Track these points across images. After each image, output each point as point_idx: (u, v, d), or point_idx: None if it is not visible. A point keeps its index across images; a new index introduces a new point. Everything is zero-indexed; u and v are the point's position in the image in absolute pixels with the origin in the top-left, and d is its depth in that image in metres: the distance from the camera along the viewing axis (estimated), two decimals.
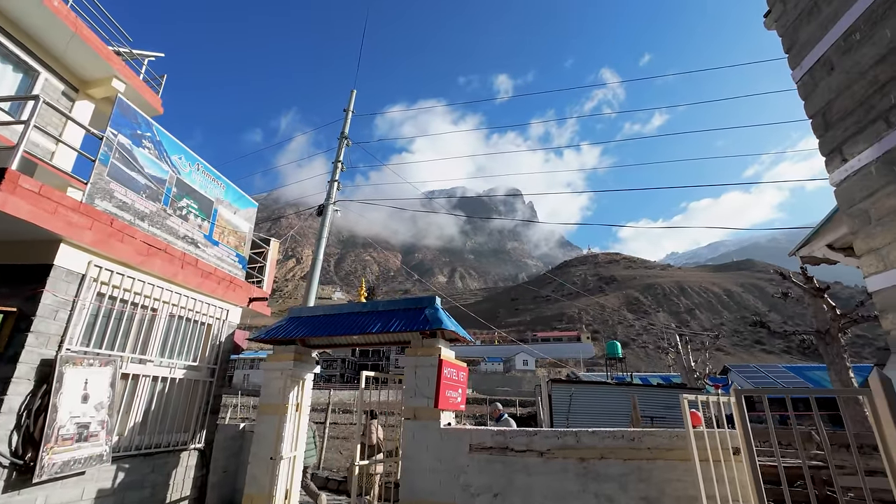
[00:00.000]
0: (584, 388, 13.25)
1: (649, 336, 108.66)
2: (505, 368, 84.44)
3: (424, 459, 4.91)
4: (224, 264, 6.14)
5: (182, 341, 5.26)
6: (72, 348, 3.93)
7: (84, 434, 3.86)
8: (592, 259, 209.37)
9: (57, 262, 3.86)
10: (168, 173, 5.25)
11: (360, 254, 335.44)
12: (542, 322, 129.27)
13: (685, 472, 4.02)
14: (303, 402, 6.02)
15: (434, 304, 5.64)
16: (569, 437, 4.53)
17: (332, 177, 10.41)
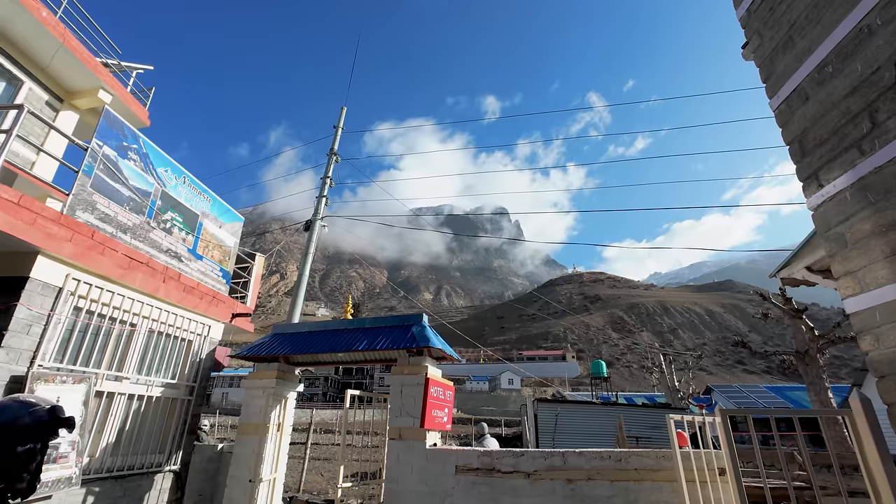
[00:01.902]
0: (569, 408, 13.19)
1: (633, 355, 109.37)
2: (490, 387, 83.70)
3: (409, 481, 4.80)
4: (208, 279, 6.02)
5: (161, 358, 5.11)
6: (44, 364, 3.78)
7: (53, 455, 3.68)
8: (577, 278, 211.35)
9: (33, 275, 3.74)
10: (153, 186, 5.17)
11: (345, 270, 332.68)
12: (527, 340, 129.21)
13: (672, 493, 4.00)
14: (284, 421, 5.86)
15: (421, 322, 5.61)
16: (556, 459, 4.49)
17: (320, 192, 10.38)
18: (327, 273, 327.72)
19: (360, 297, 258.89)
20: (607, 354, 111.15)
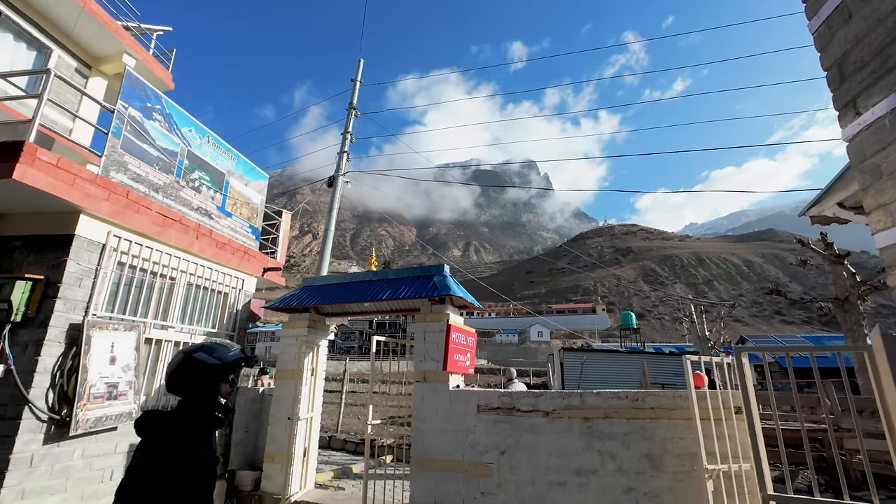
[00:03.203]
0: (595, 357, 13.39)
1: (665, 307, 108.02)
2: (520, 340, 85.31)
3: (434, 420, 5.10)
4: (238, 235, 6.30)
5: (201, 309, 5.48)
6: (97, 314, 4.14)
7: (114, 393, 4.11)
8: (609, 231, 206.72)
9: (78, 232, 4.02)
10: (179, 146, 5.34)
11: (374, 229, 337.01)
12: (557, 294, 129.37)
13: (687, 430, 4.10)
14: (318, 367, 6.26)
15: (442, 272, 5.73)
16: (573, 398, 4.64)
17: (341, 148, 10.42)
18: (357, 232, 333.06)
19: (391, 255, 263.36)
20: (638, 307, 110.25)
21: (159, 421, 1.84)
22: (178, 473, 1.70)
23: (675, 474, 4.11)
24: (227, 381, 1.95)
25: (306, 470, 5.84)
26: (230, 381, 1.96)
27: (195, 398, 1.87)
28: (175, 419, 1.82)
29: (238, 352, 1.99)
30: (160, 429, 1.81)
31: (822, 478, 6.94)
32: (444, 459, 4.91)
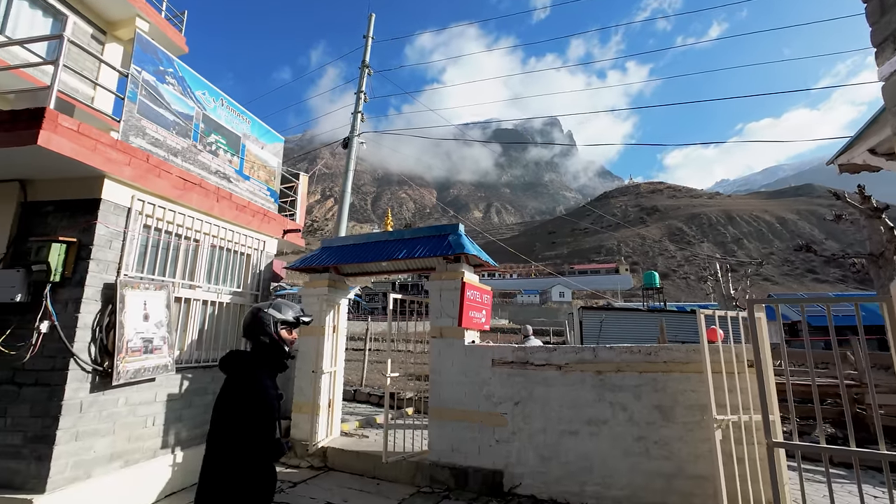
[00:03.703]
0: (614, 315, 13.40)
1: (691, 267, 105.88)
2: (541, 300, 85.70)
3: (450, 373, 5.29)
4: (257, 198, 6.43)
5: (225, 270, 5.70)
6: (129, 274, 4.37)
7: (149, 347, 4.41)
8: (634, 189, 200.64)
9: (104, 197, 4.19)
10: (194, 109, 5.40)
11: (395, 191, 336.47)
12: (579, 255, 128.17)
13: (699, 383, 4.15)
14: (339, 324, 6.51)
15: (457, 231, 5.76)
16: (586, 353, 4.72)
17: (355, 108, 10.30)
18: (378, 195, 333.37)
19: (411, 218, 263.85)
20: (663, 266, 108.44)
21: (238, 358, 2.29)
22: (250, 400, 2.12)
23: (685, 424, 4.21)
24: (289, 333, 2.38)
25: (332, 419, 6.21)
26: (290, 333, 2.39)
27: (262, 344, 2.28)
28: (249, 358, 2.28)
29: (298, 311, 2.43)
30: (238, 364, 2.26)
31: (841, 432, 6.95)
32: (460, 409, 5.13)
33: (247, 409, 2.09)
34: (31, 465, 3.67)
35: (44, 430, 3.71)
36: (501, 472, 4.78)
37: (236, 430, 2.08)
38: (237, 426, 2.08)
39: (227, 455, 2.08)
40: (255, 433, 2.08)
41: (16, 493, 3.57)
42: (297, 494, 4.68)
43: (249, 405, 2.10)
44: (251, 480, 2.08)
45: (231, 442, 2.08)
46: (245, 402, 2.11)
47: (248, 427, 2.08)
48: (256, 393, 2.13)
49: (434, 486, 4.98)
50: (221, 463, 2.08)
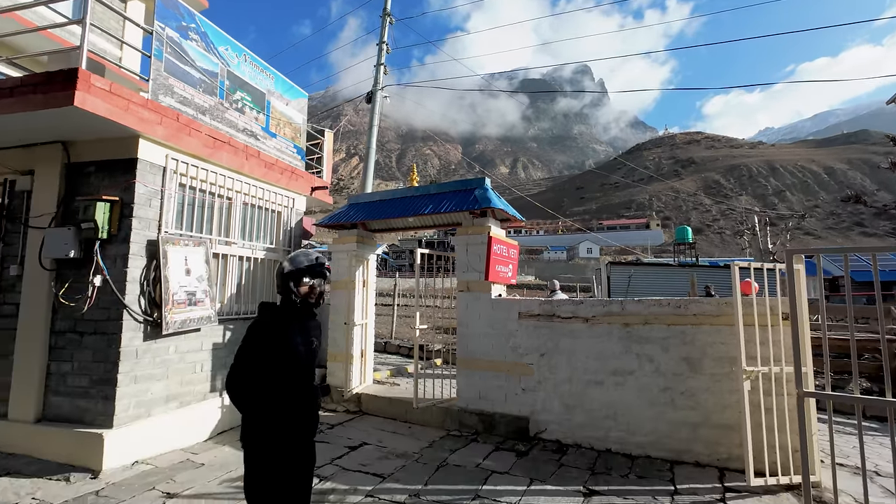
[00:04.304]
0: (643, 270, 13.18)
1: (727, 221, 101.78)
2: (568, 257, 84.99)
3: (477, 326, 5.41)
4: (284, 155, 6.48)
5: (258, 227, 5.87)
6: (168, 231, 4.57)
7: (193, 300, 4.67)
8: (669, 141, 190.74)
9: (140, 156, 4.32)
10: (218, 66, 5.38)
11: (419, 148, 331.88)
12: (608, 210, 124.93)
13: (730, 335, 4.11)
14: (368, 279, 6.69)
15: (483, 185, 5.69)
16: (614, 305, 4.71)
17: (377, 60, 10.02)
18: (402, 152, 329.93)
19: (436, 175, 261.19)
20: (697, 221, 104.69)
21: (267, 308, 2.40)
22: (274, 351, 2.26)
23: (713, 375, 4.21)
24: (301, 283, 2.35)
25: (364, 368, 6.52)
26: (304, 282, 2.36)
27: (280, 293, 2.39)
28: (275, 307, 2.39)
29: (311, 261, 2.39)
30: (268, 313, 2.37)
31: (877, 386, 6.81)
32: (487, 360, 5.28)
33: (272, 359, 2.23)
34: (99, 404, 4.06)
35: (106, 373, 4.07)
36: (527, 419, 4.96)
37: (268, 378, 2.23)
38: (268, 374, 2.23)
39: (266, 399, 2.23)
40: (280, 380, 2.24)
41: (88, 428, 3.98)
42: (336, 435, 5.02)
43: (274, 355, 2.24)
44: (287, 424, 2.23)
45: (267, 388, 2.23)
46: (270, 352, 2.24)
47: (275, 375, 2.23)
48: (278, 343, 2.25)
49: (463, 430, 5.24)
50: (262, 406, 2.23)
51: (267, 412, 2.21)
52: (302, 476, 2.32)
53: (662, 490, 3.67)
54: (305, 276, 2.35)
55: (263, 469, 2.22)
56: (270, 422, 2.20)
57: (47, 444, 4.02)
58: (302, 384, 2.30)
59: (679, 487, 3.71)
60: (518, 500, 3.50)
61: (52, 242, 4.16)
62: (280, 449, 2.22)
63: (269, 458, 2.21)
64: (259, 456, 2.23)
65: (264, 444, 2.22)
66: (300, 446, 2.29)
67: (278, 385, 2.24)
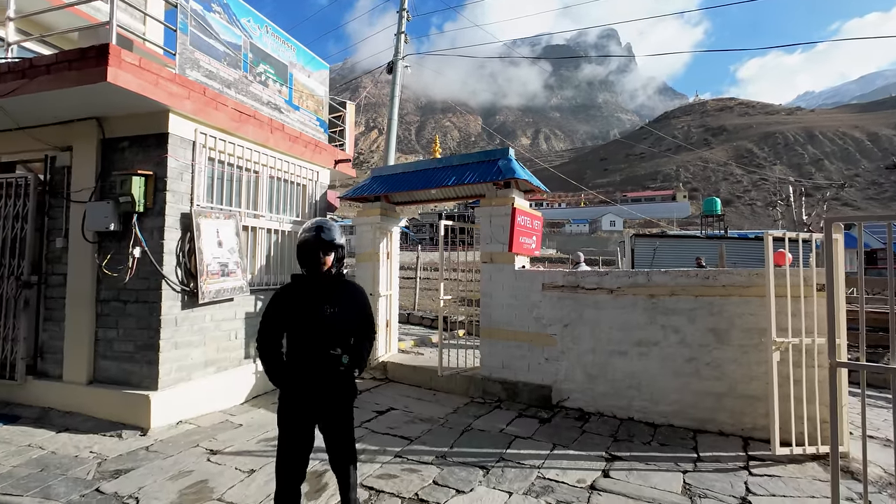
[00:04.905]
0: (669, 242, 12.90)
1: (759, 192, 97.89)
2: (590, 230, 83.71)
3: (500, 296, 5.45)
4: (307, 128, 6.51)
5: (285, 200, 5.98)
6: (200, 204, 4.71)
7: (225, 271, 4.85)
8: (699, 108, 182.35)
9: (171, 131, 4.42)
10: (241, 38, 5.38)
11: (439, 120, 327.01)
12: (633, 182, 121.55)
13: (760, 307, 4.04)
14: (392, 251, 6.78)
15: (507, 156, 5.62)
16: (639, 277, 4.67)
17: (398, 28, 9.81)
18: (422, 125, 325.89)
19: (456, 147, 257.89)
20: (726, 192, 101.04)
21: (295, 278, 2.49)
22: (285, 307, 2.40)
23: (740, 346, 4.18)
24: (305, 253, 2.38)
25: (390, 337, 6.70)
26: (306, 254, 2.38)
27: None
28: (295, 276, 2.51)
29: (309, 236, 2.36)
30: (291, 280, 2.50)
31: None
32: (510, 330, 5.35)
33: (285, 320, 2.47)
34: (144, 368, 4.32)
35: (149, 339, 4.31)
36: (550, 388, 5.05)
37: (284, 337, 2.46)
38: (279, 333, 2.48)
39: (286, 356, 2.45)
40: (290, 339, 2.48)
41: (135, 390, 4.26)
42: (363, 400, 5.22)
43: (286, 317, 2.47)
44: (295, 380, 2.37)
45: (287, 347, 2.47)
46: (284, 314, 2.46)
47: (289, 334, 2.48)
48: (287, 306, 2.44)
49: (486, 397, 5.38)
50: (277, 361, 2.44)
51: (284, 367, 2.36)
52: (336, 436, 2.44)
53: (685, 457, 3.72)
54: (300, 250, 2.41)
55: (284, 427, 2.36)
56: (286, 377, 2.35)
57: (99, 403, 4.33)
58: (309, 344, 2.33)
59: (702, 455, 3.76)
60: (542, 462, 3.61)
61: (93, 216, 4.35)
62: (294, 405, 2.34)
63: (288, 414, 2.36)
64: (282, 413, 2.38)
65: (282, 400, 2.39)
66: (319, 405, 2.36)
67: (289, 343, 2.39)
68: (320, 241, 2.34)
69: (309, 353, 2.32)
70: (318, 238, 2.34)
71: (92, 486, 3.13)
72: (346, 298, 2.44)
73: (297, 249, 2.38)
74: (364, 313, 2.52)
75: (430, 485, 3.22)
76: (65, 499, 2.95)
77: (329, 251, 2.36)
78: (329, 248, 2.36)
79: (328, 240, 2.34)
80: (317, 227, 2.37)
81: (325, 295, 2.37)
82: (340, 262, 2.48)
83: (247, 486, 3.16)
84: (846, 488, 3.08)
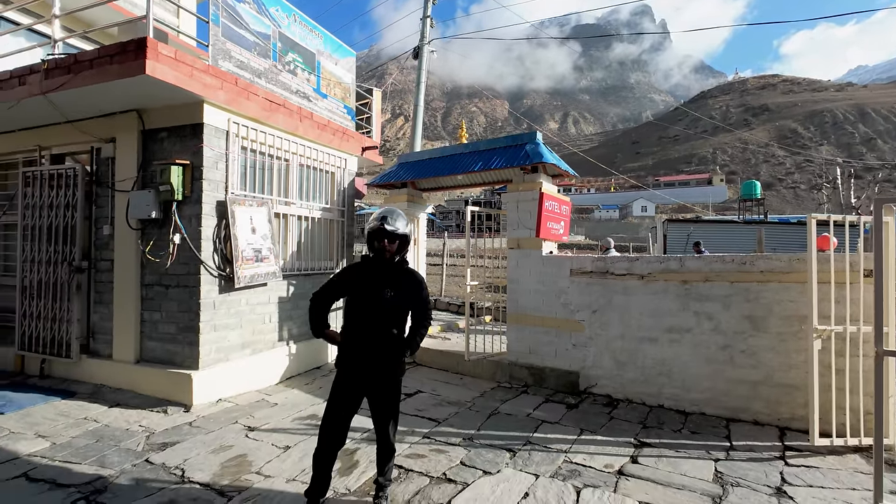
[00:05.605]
0: (704, 228, 12.45)
1: (802, 174, 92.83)
2: (621, 216, 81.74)
3: (528, 282, 5.43)
4: (335, 116, 6.59)
5: (313, 187, 6.10)
6: (234, 192, 4.87)
7: (259, 256, 5.02)
8: (739, 86, 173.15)
9: (205, 121, 4.56)
10: (270, 27, 5.46)
11: (465, 105, 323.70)
12: (666, 166, 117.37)
13: (800, 293, 3.89)
14: (419, 237, 6.83)
15: (535, 140, 5.53)
16: (672, 262, 4.56)
17: (423, 13, 9.71)
18: (448, 111, 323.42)
19: (482, 133, 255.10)
20: (767, 175, 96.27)
21: (364, 259, 2.72)
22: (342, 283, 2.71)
23: (778, 334, 4.03)
24: (371, 240, 2.60)
25: None
26: (372, 241, 2.60)
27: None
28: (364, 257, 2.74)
29: (375, 225, 2.55)
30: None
31: None
32: (537, 316, 5.33)
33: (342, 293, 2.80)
34: (185, 349, 4.55)
35: (190, 322, 4.53)
36: (577, 373, 5.02)
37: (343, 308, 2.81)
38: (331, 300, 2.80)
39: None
40: (346, 311, 2.80)
41: (178, 369, 4.50)
42: None
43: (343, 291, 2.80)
44: (346, 349, 2.67)
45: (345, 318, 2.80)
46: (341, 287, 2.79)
47: (346, 307, 2.80)
48: (345, 282, 2.73)
49: (513, 382, 5.41)
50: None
51: (323, 325, 2.64)
52: (382, 408, 2.66)
53: (717, 445, 3.65)
54: (367, 234, 2.63)
55: (334, 394, 2.62)
56: (320, 330, 2.65)
57: (146, 381, 4.60)
58: (366, 323, 2.57)
59: (735, 444, 3.68)
60: (568, 447, 3.62)
61: (136, 204, 4.57)
62: (348, 375, 2.60)
63: (340, 383, 2.62)
64: (336, 381, 2.64)
65: (338, 370, 2.65)
66: (370, 379, 2.59)
67: (348, 319, 2.64)
68: (384, 231, 2.51)
69: (366, 330, 2.56)
70: (382, 228, 2.52)
71: (142, 456, 3.36)
72: (406, 284, 2.64)
73: (367, 236, 2.59)
74: (420, 299, 2.69)
75: (458, 465, 3.29)
76: (118, 467, 3.18)
77: (392, 240, 2.54)
78: (391, 237, 2.53)
79: (391, 229, 2.51)
80: (381, 217, 2.56)
81: (386, 279, 2.57)
82: (403, 249, 2.64)
83: (283, 461, 3.32)
84: (890, 481, 2.95)
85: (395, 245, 2.56)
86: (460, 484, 3.03)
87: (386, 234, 2.52)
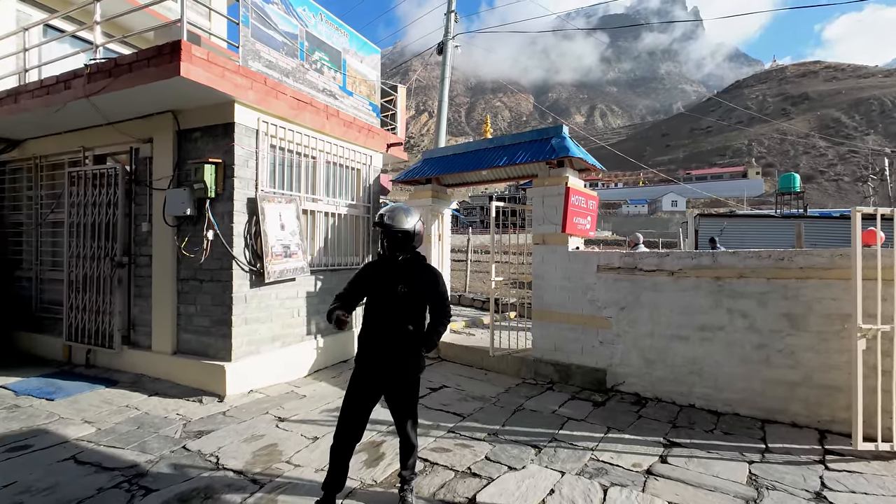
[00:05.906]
0: (737, 222, 11.98)
1: (846, 166, 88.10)
2: (649, 211, 79.67)
3: (553, 278, 5.37)
4: (360, 113, 6.66)
5: (340, 184, 6.20)
6: (264, 189, 5.00)
7: (288, 252, 5.14)
8: (777, 74, 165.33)
9: (236, 120, 4.69)
10: (297, 27, 5.56)
11: (489, 100, 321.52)
12: (698, 158, 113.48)
13: (843, 290, 3.71)
14: (443, 233, 6.85)
15: (561, 133, 5.45)
16: (704, 258, 4.42)
17: (448, 7, 9.68)
18: (472, 106, 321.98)
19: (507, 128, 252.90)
20: (807, 167, 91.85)
21: (380, 256, 2.75)
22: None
23: (819, 333, 3.86)
24: (380, 236, 2.64)
25: None
26: (380, 236, 2.64)
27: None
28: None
29: (376, 221, 2.59)
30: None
31: None
32: (563, 312, 5.27)
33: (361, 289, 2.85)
34: (219, 341, 4.71)
35: (223, 315, 4.69)
36: (604, 371, 4.94)
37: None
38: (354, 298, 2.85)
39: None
40: (366, 306, 2.83)
41: (212, 361, 4.67)
42: None
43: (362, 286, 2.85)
44: (361, 342, 2.72)
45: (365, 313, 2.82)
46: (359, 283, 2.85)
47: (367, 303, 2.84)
48: (385, 279, 2.70)
49: (538, 378, 5.37)
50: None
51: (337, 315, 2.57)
52: (398, 406, 2.63)
53: (751, 447, 3.53)
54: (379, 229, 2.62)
55: (350, 389, 2.62)
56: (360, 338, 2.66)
57: (182, 372, 4.80)
58: (381, 319, 2.57)
59: (771, 446, 3.55)
60: (595, 445, 3.57)
61: (172, 202, 4.75)
62: (364, 371, 2.60)
63: (356, 378, 2.63)
64: (353, 377, 2.65)
65: (356, 365, 2.65)
66: (385, 375, 2.58)
67: (366, 315, 2.65)
68: (382, 226, 2.52)
69: (381, 326, 2.56)
70: (381, 223, 2.52)
71: (179, 443, 3.51)
72: (420, 280, 2.59)
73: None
74: (436, 294, 2.63)
75: (483, 460, 3.30)
76: (158, 453, 3.33)
77: (392, 236, 2.53)
78: (391, 232, 2.52)
79: (388, 224, 2.51)
80: (382, 214, 2.56)
81: (399, 275, 2.54)
82: (408, 244, 2.58)
83: (311, 451, 3.40)
84: None
85: (398, 241, 2.52)
86: (485, 479, 3.04)
87: (385, 228, 2.52)
